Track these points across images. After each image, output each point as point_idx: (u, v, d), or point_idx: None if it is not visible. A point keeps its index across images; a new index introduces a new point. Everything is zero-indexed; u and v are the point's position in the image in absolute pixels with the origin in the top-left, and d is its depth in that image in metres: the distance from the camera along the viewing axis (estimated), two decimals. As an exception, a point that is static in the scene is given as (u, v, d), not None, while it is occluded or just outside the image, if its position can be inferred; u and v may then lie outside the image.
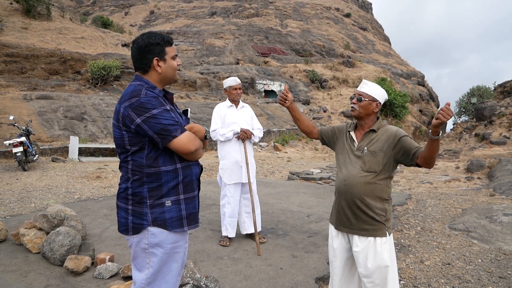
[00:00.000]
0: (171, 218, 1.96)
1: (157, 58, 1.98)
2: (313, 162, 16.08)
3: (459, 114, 37.71)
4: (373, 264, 2.34)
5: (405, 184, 10.35)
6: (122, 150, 1.97)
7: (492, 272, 3.88)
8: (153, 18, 57.30)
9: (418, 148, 2.32)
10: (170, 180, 1.97)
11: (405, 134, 2.43)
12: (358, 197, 2.40)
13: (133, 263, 2.04)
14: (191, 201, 2.05)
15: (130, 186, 1.95)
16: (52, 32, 24.34)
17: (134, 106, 1.86)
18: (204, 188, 7.96)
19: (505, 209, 6.27)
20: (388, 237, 2.40)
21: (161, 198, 1.95)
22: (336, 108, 29.02)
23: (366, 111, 2.49)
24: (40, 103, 15.09)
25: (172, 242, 1.98)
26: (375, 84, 2.56)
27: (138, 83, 1.97)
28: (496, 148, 18.63)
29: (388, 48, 60.35)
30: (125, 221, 1.97)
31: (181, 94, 23.15)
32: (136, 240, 1.96)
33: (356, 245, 2.41)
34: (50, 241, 3.67)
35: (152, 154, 1.94)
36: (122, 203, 1.99)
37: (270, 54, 41.76)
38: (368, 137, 2.48)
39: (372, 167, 2.39)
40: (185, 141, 1.92)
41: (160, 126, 1.86)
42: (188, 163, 2.04)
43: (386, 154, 2.39)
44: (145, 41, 1.98)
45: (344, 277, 2.54)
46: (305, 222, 5.48)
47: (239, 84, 4.59)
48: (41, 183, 8.14)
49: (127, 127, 1.89)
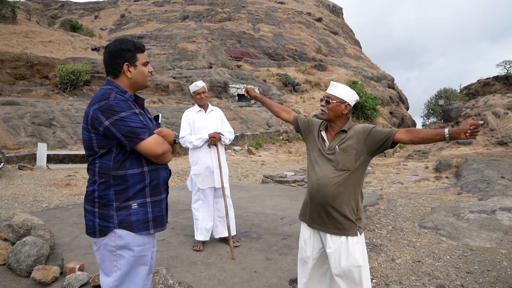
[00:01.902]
0: (137, 220, 1.98)
1: (128, 63, 2.03)
2: (286, 165, 16.18)
3: (427, 116, 38.83)
4: (346, 264, 2.35)
5: (376, 185, 10.54)
6: (90, 152, 1.99)
7: (460, 268, 4.00)
8: (124, 22, 56.51)
9: (392, 130, 2.35)
10: (136, 183, 1.99)
11: (373, 126, 2.46)
12: (331, 196, 2.40)
13: (101, 268, 2.05)
14: (157, 204, 2.07)
15: (96, 189, 1.97)
16: (18, 36, 23.64)
17: (103, 109, 1.89)
18: (178, 194, 7.88)
19: (471, 206, 6.48)
20: (359, 236, 2.41)
21: (128, 200, 1.97)
22: (309, 111, 29.34)
23: (335, 113, 2.47)
24: (6, 109, 14.60)
25: (139, 245, 2.00)
26: (344, 86, 2.54)
27: (109, 87, 2.00)
28: (462, 148, 19.26)
29: (359, 51, 61.57)
30: (92, 224, 1.98)
31: (153, 99, 22.89)
32: (103, 243, 1.98)
33: (329, 246, 2.42)
34: (16, 252, 3.54)
35: (119, 157, 1.96)
36: (89, 206, 2.00)
37: (243, 58, 41.88)
38: (339, 137, 2.48)
39: (345, 165, 2.39)
40: (152, 144, 1.95)
41: (128, 129, 1.89)
42: (155, 166, 2.06)
43: (359, 151, 2.39)
44: (117, 47, 2.02)
45: (313, 277, 2.56)
46: (279, 225, 5.50)
47: (202, 88, 4.50)
48: (7, 192, 7.86)
49: (96, 129, 1.91)
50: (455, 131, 2.10)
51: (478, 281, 3.65)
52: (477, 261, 4.18)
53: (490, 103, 25.24)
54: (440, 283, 3.63)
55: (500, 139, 19.17)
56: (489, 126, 20.67)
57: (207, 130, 4.44)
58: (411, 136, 2.30)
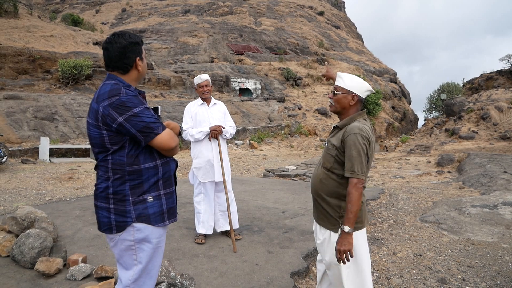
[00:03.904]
0: (154, 213, 2.00)
1: (139, 57, 2.04)
2: (288, 159, 16.19)
3: (430, 110, 38.70)
4: (329, 259, 2.34)
5: (378, 179, 10.55)
6: (101, 149, 1.97)
7: (461, 262, 4.01)
8: (125, 16, 56.34)
9: (351, 169, 2.19)
10: (151, 176, 2.01)
11: (357, 137, 2.21)
12: (315, 190, 2.44)
13: (119, 263, 2.06)
14: (170, 196, 2.11)
15: (111, 185, 1.96)
16: (19, 30, 23.62)
17: (115, 105, 1.87)
18: (180, 187, 7.90)
19: (473, 201, 6.48)
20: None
21: (143, 194, 1.98)
22: (310, 105, 29.28)
23: (341, 105, 2.39)
24: (8, 104, 14.63)
25: (157, 237, 2.03)
26: (351, 76, 2.42)
27: (114, 82, 1.98)
28: (465, 142, 19.23)
29: (361, 45, 61.29)
30: (108, 220, 1.97)
31: (155, 93, 22.89)
32: (121, 238, 1.98)
33: (318, 238, 2.45)
34: (20, 244, 3.57)
35: (132, 152, 1.97)
36: (103, 203, 1.98)
37: (244, 52, 41.74)
38: (334, 132, 2.46)
39: (325, 163, 2.39)
40: (167, 138, 1.98)
41: (143, 124, 1.90)
42: (166, 159, 2.09)
43: (340, 150, 2.30)
44: (127, 40, 2.00)
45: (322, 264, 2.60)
46: (281, 218, 5.52)
47: (205, 81, 4.47)
48: (11, 186, 7.90)
49: (108, 126, 1.90)
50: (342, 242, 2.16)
51: (479, 275, 3.67)
52: (479, 255, 4.19)
53: (493, 97, 25.15)
54: (441, 276, 3.64)
55: (503, 133, 19.11)
56: (492, 120, 20.60)
57: (208, 123, 4.43)
58: (347, 194, 2.20)
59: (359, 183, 2.17)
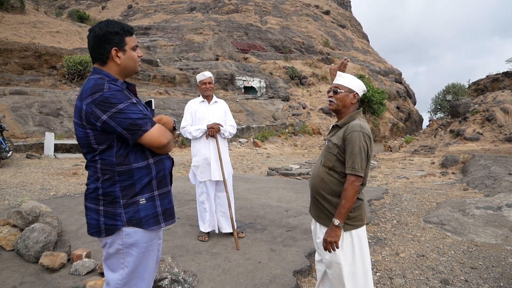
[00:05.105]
0: (146, 216, 1.88)
1: (116, 48, 1.87)
2: (292, 158, 16.18)
3: (435, 111, 38.55)
4: (329, 258, 2.33)
5: (382, 179, 10.53)
6: (89, 149, 1.85)
7: (464, 263, 4.00)
8: (131, 13, 56.46)
9: (352, 166, 2.23)
10: (143, 176, 1.88)
11: (359, 135, 2.26)
12: (315, 189, 2.44)
13: (106, 263, 1.96)
14: (165, 196, 1.98)
15: (100, 186, 1.84)
16: (26, 26, 23.72)
17: (98, 102, 1.74)
18: (183, 184, 7.92)
19: (477, 202, 6.46)
20: (345, 233, 2.31)
21: (135, 196, 1.86)
22: (315, 104, 29.25)
23: (343, 103, 2.41)
24: (14, 99, 14.70)
25: (147, 241, 1.91)
26: (351, 75, 2.48)
27: (98, 77, 1.84)
28: (470, 144, 19.13)
29: (366, 45, 61.14)
30: (97, 223, 1.85)
31: (160, 90, 22.92)
32: (110, 242, 1.87)
33: (318, 236, 2.45)
34: (24, 238, 3.60)
35: (122, 151, 1.83)
36: (92, 204, 1.87)
37: (249, 51, 41.73)
38: (333, 130, 2.48)
39: (326, 162, 2.39)
40: (156, 135, 1.83)
41: (129, 121, 1.76)
42: (160, 157, 1.96)
43: (341, 149, 2.32)
44: (103, 29, 1.84)
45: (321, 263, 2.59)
46: (284, 217, 5.53)
47: (208, 78, 4.44)
48: (15, 180, 7.95)
49: (92, 125, 1.77)
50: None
51: (482, 277, 3.66)
52: (482, 257, 4.18)
53: (499, 99, 24.99)
54: (444, 277, 3.64)
55: (508, 135, 19.00)
56: (498, 122, 20.50)
57: (208, 121, 4.40)
58: (343, 190, 2.24)
59: (356, 181, 2.23)
